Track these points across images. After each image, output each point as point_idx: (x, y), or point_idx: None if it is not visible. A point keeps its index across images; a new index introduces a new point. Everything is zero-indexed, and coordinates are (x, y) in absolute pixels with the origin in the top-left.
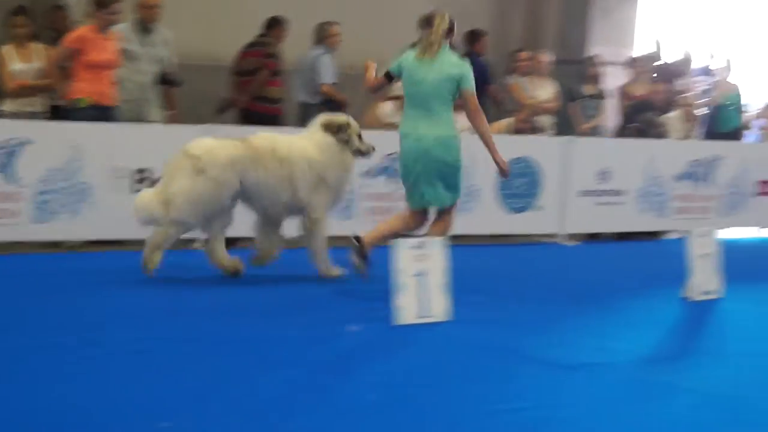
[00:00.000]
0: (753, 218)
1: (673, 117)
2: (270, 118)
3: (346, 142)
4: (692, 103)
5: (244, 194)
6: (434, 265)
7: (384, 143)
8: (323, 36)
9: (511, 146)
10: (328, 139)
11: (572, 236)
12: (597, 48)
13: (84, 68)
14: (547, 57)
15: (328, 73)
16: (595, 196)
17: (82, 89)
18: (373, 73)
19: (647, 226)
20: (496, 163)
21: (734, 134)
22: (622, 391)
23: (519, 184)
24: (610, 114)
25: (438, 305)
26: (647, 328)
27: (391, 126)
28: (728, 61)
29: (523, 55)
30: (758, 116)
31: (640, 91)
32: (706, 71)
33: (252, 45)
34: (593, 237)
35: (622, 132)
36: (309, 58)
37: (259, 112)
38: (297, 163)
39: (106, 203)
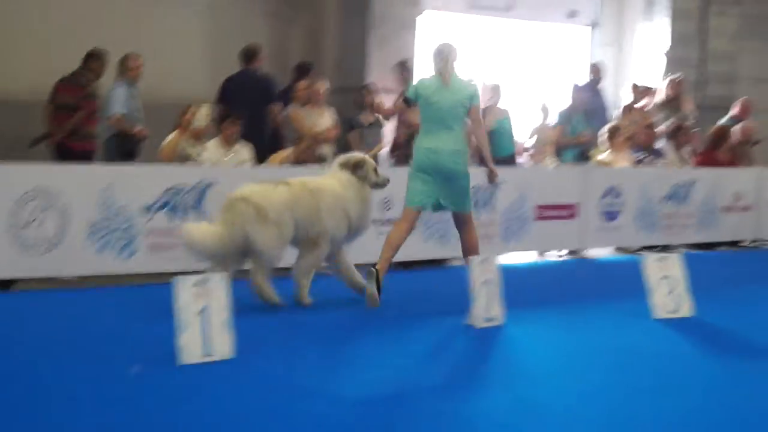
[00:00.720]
0: (532, 243)
1: None
2: (84, 154)
3: (364, 178)
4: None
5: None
6: (216, 302)
7: (163, 177)
8: (124, 68)
9: (293, 176)
10: (349, 176)
11: (355, 265)
12: (376, 76)
13: None
14: (324, 86)
15: (118, 104)
16: (378, 225)
17: None
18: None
19: (431, 254)
20: (490, 170)
21: (508, 160)
22: (415, 422)
23: None
24: (390, 142)
25: (222, 343)
26: (433, 358)
27: (187, 158)
28: (497, 86)
29: (302, 84)
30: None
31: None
32: None
33: (69, 80)
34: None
35: (404, 160)
36: (108, 91)
37: (74, 148)
38: (324, 198)
39: None
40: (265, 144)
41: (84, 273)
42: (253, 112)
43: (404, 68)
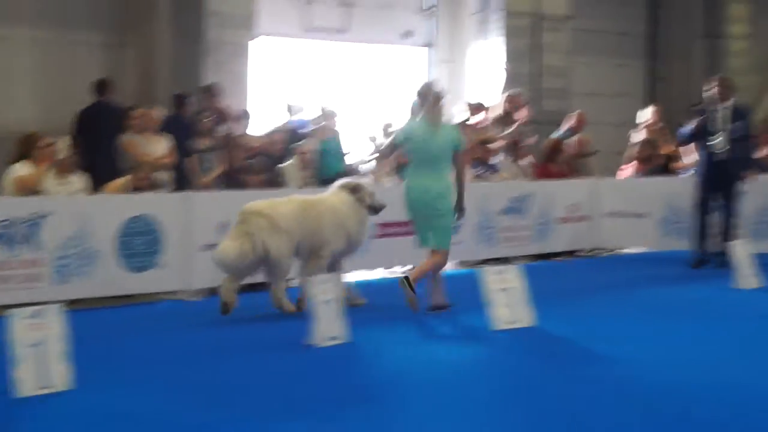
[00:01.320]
0: (375, 260)
1: (289, 165)
2: None
3: (361, 200)
4: (307, 151)
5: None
6: (52, 334)
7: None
8: None
9: (129, 205)
10: (348, 196)
11: (198, 292)
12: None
13: None
14: (159, 112)
15: None
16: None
17: None
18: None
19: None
20: (461, 207)
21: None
22: None
23: (139, 243)
24: (228, 165)
25: (59, 374)
26: (274, 379)
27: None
28: (325, 108)
29: (137, 112)
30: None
31: (256, 141)
32: (304, 122)
33: None
34: (215, 291)
35: (243, 183)
36: None
37: None
38: (325, 212)
39: None
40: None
41: None
42: (108, 142)
43: (210, 92)
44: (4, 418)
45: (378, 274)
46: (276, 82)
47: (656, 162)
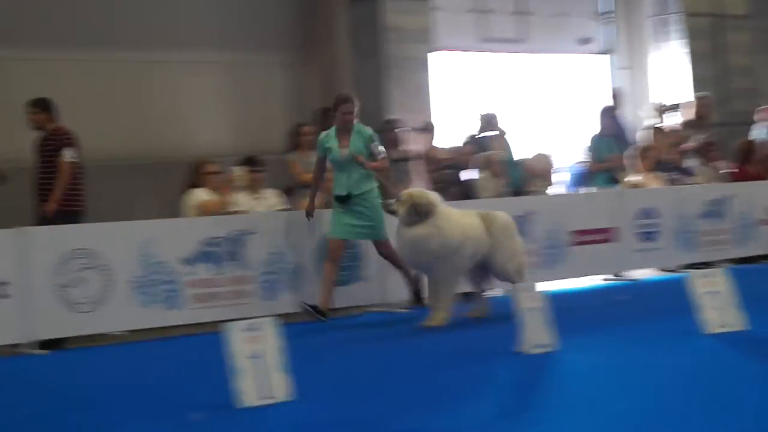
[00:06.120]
0: (570, 269)
1: (483, 177)
2: None
3: None
4: (497, 161)
5: None
6: (269, 345)
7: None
8: None
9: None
10: None
11: (398, 304)
12: (394, 114)
13: None
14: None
15: None
16: None
17: None
18: None
19: None
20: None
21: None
22: None
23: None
24: (417, 177)
25: (278, 385)
26: (486, 387)
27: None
28: (486, 115)
29: (307, 129)
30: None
31: (444, 154)
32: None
33: None
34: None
35: None
36: None
37: None
38: None
39: None
40: None
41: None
42: None
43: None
44: (229, 428)
45: (574, 283)
46: (455, 94)
47: None
